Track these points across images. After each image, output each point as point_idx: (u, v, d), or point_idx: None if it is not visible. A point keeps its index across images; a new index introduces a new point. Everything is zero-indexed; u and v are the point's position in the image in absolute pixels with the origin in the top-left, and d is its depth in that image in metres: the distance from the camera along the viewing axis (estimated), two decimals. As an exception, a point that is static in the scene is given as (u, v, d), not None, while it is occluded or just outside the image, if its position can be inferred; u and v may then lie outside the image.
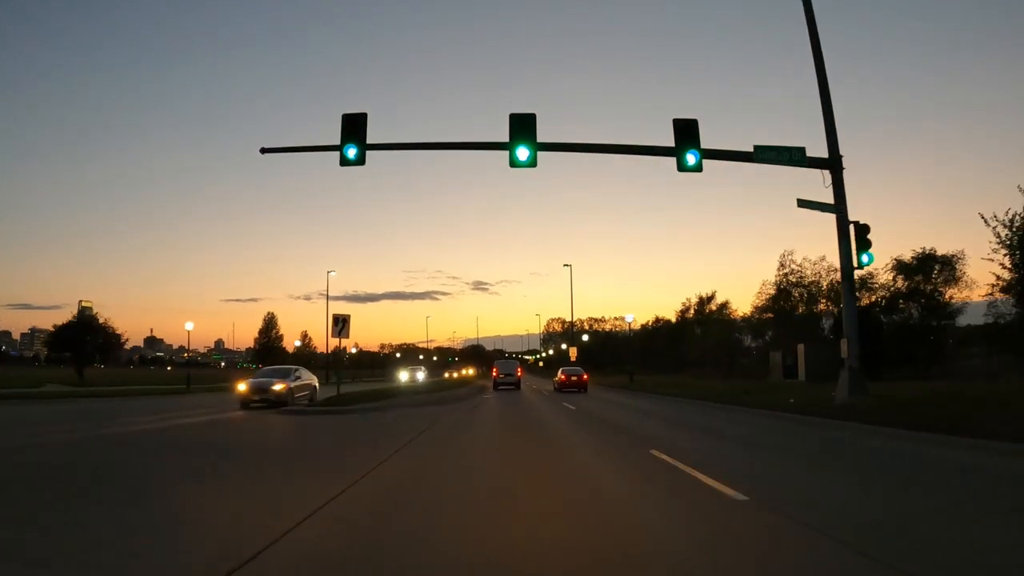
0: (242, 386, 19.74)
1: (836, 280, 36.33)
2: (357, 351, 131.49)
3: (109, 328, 49.99)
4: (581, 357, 66.44)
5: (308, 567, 3.57)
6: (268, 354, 70.11)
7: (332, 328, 20.39)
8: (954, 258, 31.07)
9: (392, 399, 20.61)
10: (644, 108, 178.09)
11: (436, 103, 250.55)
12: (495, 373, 40.61)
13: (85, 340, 46.84)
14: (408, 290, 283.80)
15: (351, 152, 16.14)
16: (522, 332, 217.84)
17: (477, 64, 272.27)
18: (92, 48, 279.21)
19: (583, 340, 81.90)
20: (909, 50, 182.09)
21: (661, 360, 64.33)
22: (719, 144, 19.92)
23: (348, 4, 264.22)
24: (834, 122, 16.54)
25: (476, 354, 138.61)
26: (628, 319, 47.00)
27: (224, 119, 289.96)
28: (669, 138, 16.24)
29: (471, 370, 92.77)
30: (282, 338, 73.81)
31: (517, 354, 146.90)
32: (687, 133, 15.98)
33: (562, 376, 33.71)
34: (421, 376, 48.34)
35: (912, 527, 4.49)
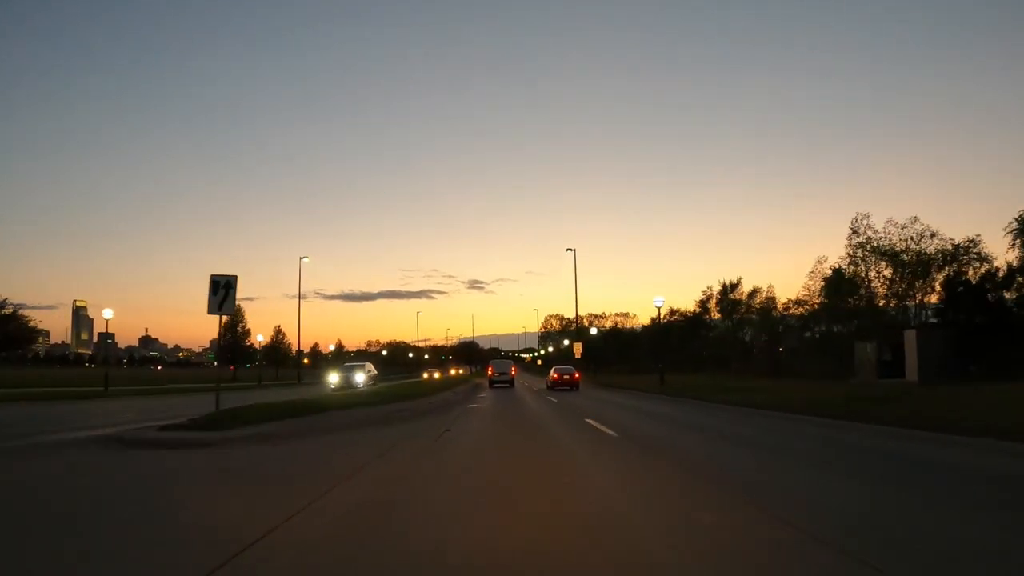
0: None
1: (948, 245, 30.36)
2: (335, 349, 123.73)
3: (24, 320, 41.37)
4: (586, 355, 58.87)
5: None
6: (232, 352, 61.76)
7: (210, 299, 12.24)
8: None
9: (317, 415, 12.48)
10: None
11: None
12: (490, 372, 42.14)
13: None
14: (404, 289, 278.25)
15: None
16: (518, 331, 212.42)
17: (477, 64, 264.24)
18: (90, 49, 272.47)
19: (591, 334, 73.56)
20: None
21: (678, 356, 56.42)
22: None
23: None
24: None
25: (468, 352, 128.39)
26: (657, 302, 36.47)
27: (223, 119, 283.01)
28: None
29: (460, 369, 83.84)
30: (249, 333, 65.27)
31: (513, 352, 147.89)
32: None
33: (554, 375, 33.44)
34: (361, 379, 31.50)
35: None
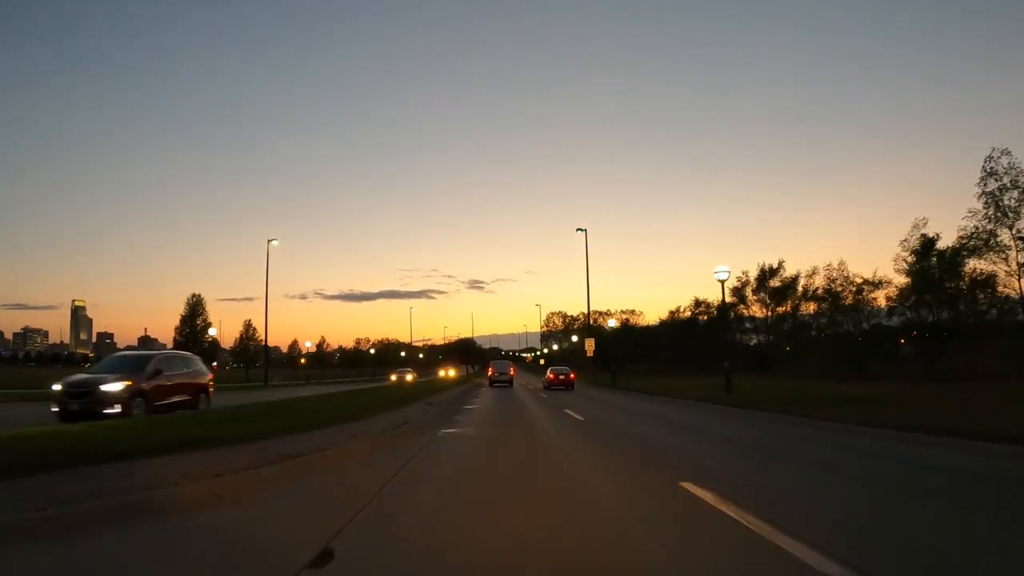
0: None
1: None
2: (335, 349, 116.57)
3: None
4: (599, 352, 51.32)
5: None
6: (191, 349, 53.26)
7: None
8: None
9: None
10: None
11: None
12: (491, 372, 42.51)
13: None
14: (404, 289, 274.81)
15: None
16: (518, 330, 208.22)
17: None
18: (89, 51, 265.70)
19: (608, 328, 64.85)
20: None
21: (707, 354, 48.12)
22: None
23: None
24: None
25: (466, 350, 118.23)
26: (721, 273, 24.29)
27: (224, 120, 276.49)
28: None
29: (452, 370, 73.99)
30: (209, 326, 57.19)
31: (514, 352, 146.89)
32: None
33: (551, 375, 33.78)
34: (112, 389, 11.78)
35: None
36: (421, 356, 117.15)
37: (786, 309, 45.46)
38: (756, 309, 48.95)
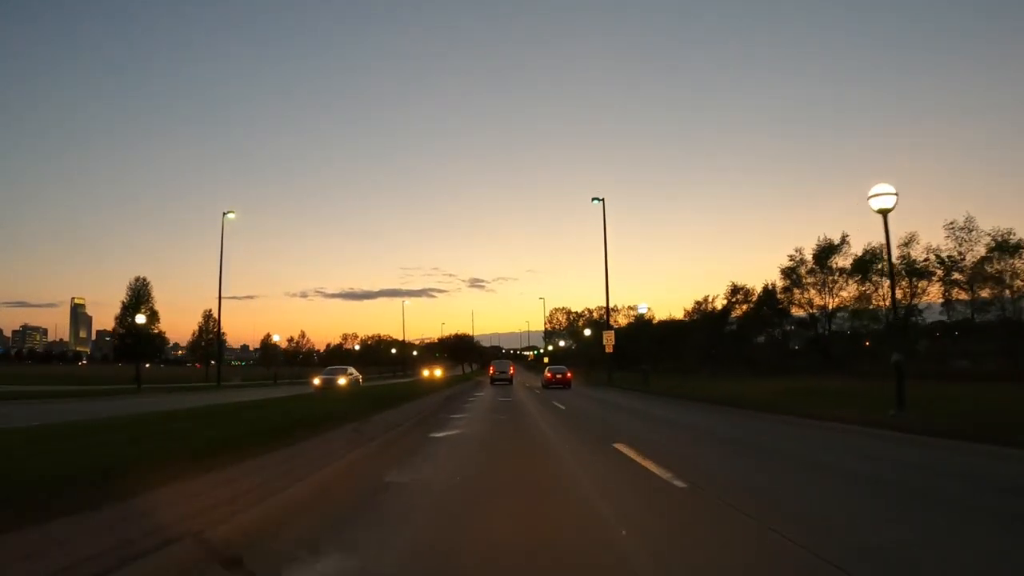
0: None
1: None
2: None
3: None
4: (617, 348, 44.79)
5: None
6: (136, 345, 47.00)
7: None
8: None
9: None
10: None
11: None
12: (492, 371, 44.24)
13: None
14: (404, 287, 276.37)
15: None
16: (519, 329, 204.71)
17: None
18: (90, 51, 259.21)
19: (640, 312, 57.71)
20: None
21: (746, 355, 41.20)
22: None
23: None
24: None
25: (459, 348, 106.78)
26: (883, 196, 13.68)
27: (224, 119, 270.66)
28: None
29: (438, 370, 65.41)
30: (157, 316, 50.47)
31: (515, 351, 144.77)
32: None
33: (548, 375, 35.18)
34: None
35: None
36: (415, 353, 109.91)
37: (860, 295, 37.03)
38: (848, 291, 39.34)
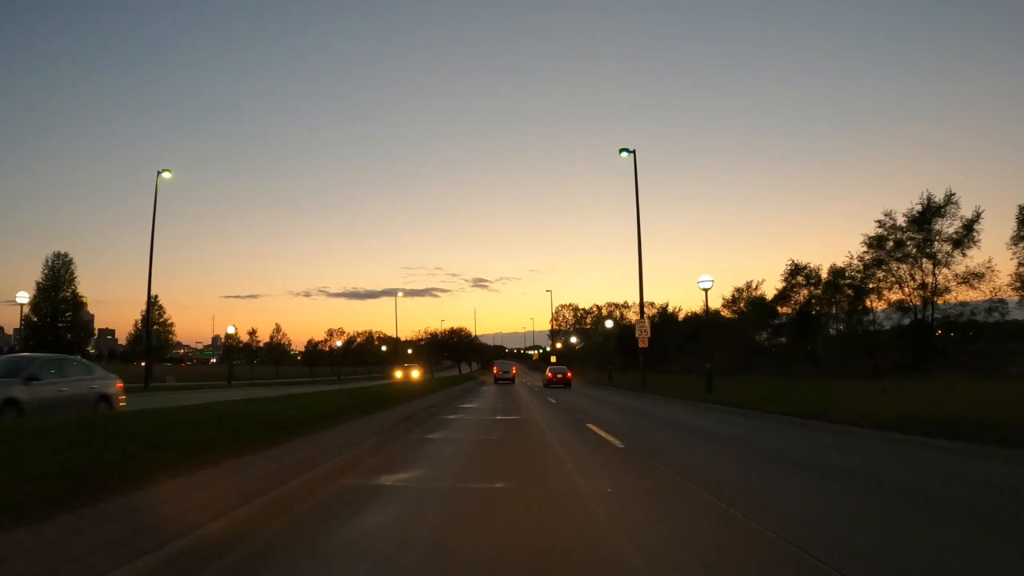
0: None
1: None
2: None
3: None
4: (628, 347, 45.04)
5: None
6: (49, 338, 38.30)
7: None
8: None
9: None
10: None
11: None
12: (495, 371, 46.40)
13: None
14: (408, 287, 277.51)
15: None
16: (522, 328, 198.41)
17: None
18: (87, 47, 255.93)
19: (668, 313, 48.90)
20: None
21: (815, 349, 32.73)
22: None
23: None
24: None
25: (456, 346, 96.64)
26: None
27: (227, 118, 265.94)
28: None
29: (416, 371, 59.86)
30: (83, 305, 42.01)
31: (519, 349, 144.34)
32: None
33: (548, 374, 36.41)
34: None
35: None
36: (410, 351, 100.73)
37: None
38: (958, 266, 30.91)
